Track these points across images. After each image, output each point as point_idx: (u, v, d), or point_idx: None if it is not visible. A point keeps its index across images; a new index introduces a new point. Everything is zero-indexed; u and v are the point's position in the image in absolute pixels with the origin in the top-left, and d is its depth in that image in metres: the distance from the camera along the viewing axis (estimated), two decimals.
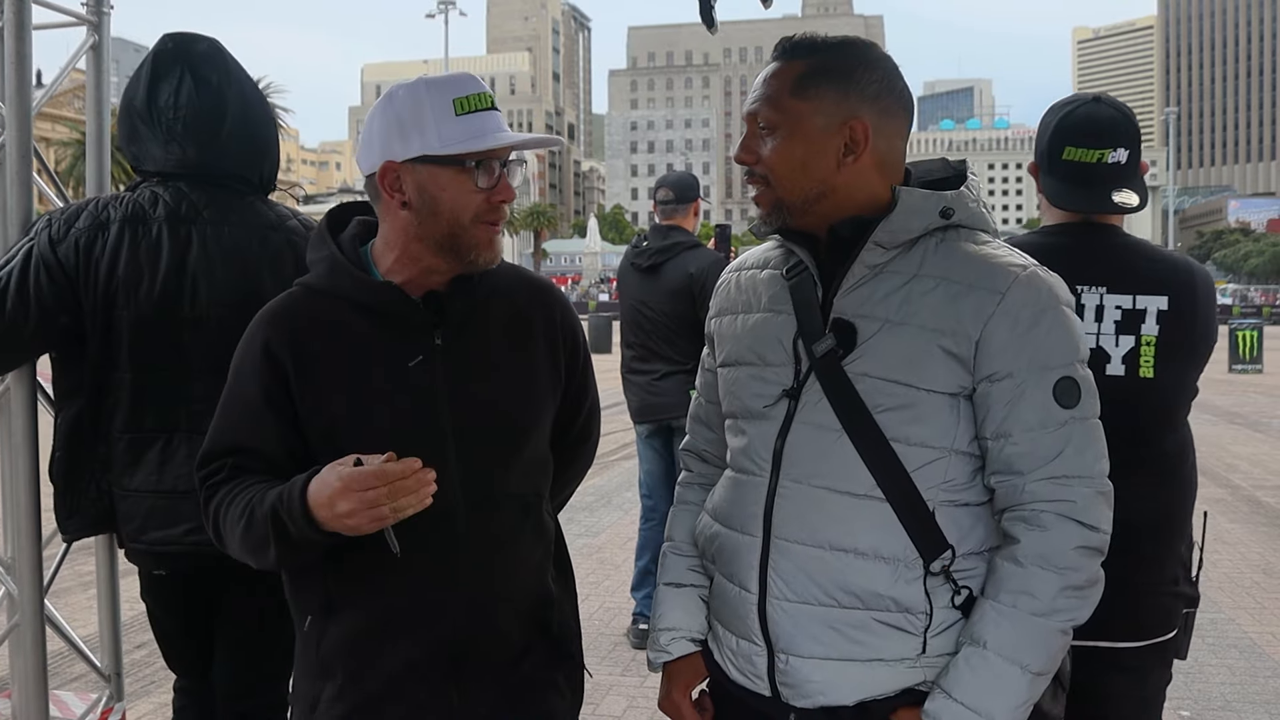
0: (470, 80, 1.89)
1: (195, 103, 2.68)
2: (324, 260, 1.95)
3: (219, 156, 2.72)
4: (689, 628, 1.99)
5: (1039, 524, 1.68)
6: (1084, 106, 2.54)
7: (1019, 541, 1.69)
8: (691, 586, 2.01)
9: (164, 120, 2.67)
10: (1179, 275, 2.46)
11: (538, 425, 2.02)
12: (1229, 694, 4.98)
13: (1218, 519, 8.73)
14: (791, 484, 1.78)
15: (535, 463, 2.02)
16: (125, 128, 2.74)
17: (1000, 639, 1.66)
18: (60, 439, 2.73)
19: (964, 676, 1.67)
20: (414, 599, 1.89)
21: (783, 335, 1.83)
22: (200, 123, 2.68)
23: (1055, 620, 1.67)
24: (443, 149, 1.83)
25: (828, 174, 1.78)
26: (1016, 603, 1.67)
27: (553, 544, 2.08)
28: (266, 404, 1.90)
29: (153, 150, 2.71)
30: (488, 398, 1.94)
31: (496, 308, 1.99)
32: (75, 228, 2.60)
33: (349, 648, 1.91)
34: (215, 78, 2.72)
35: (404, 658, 1.90)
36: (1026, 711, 1.68)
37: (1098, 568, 1.71)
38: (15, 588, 2.84)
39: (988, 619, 1.68)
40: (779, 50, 1.83)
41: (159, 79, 2.69)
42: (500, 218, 1.90)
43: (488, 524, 1.92)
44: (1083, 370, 1.74)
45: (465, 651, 1.92)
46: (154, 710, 4.74)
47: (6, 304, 2.53)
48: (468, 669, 1.92)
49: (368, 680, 1.90)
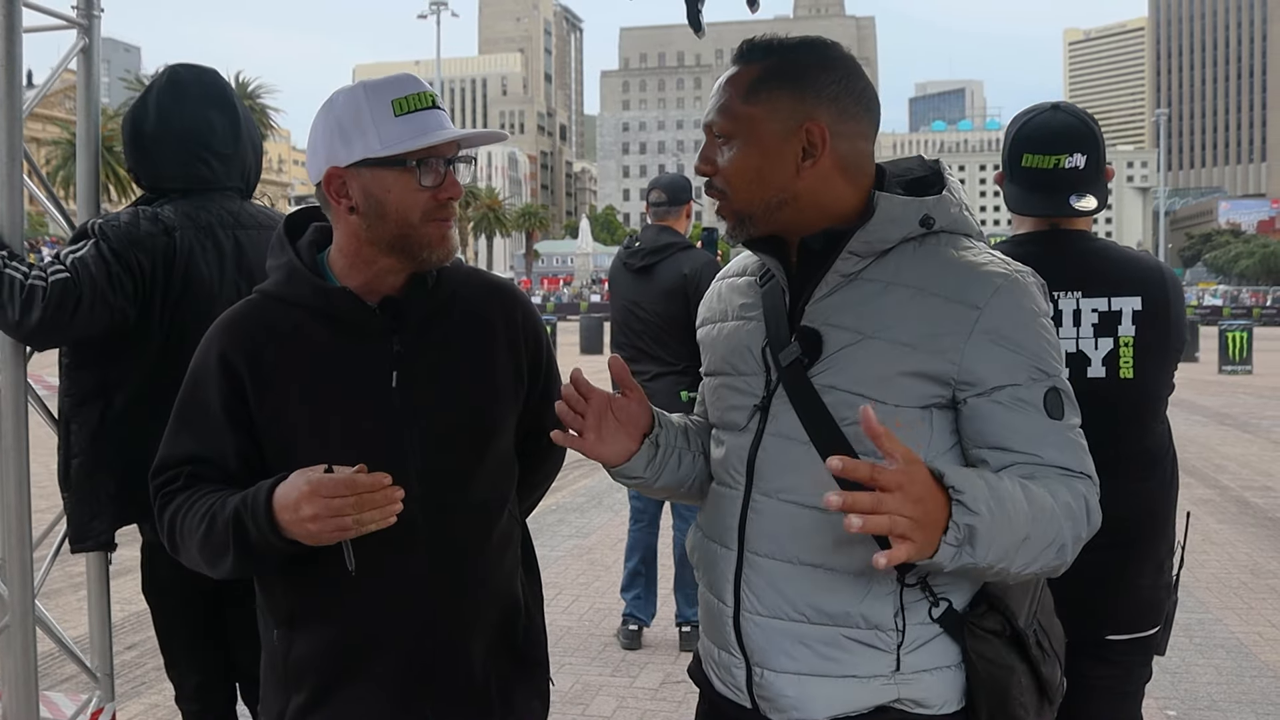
0: (410, 80, 1.88)
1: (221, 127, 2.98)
2: (282, 267, 1.94)
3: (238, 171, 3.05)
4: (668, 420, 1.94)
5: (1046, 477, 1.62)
6: (1041, 115, 2.60)
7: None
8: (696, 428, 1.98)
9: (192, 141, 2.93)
10: (1150, 275, 2.52)
11: (499, 428, 2.00)
12: (1215, 694, 5.01)
13: (1206, 519, 8.77)
14: (763, 498, 1.75)
15: (498, 467, 2.01)
16: (134, 150, 2.97)
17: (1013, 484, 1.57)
18: (82, 443, 2.84)
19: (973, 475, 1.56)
20: (378, 611, 1.88)
21: (752, 344, 1.80)
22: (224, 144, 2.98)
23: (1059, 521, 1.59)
24: (384, 150, 1.82)
25: (787, 180, 1.72)
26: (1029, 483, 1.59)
27: (519, 548, 2.08)
28: (224, 412, 1.88)
29: (169, 169, 2.95)
30: (447, 402, 1.92)
31: (455, 311, 1.97)
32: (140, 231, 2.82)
33: (315, 661, 1.90)
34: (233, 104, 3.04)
35: (371, 671, 1.89)
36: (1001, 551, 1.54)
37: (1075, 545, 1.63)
38: (5, 589, 2.84)
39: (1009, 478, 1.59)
40: (736, 53, 1.79)
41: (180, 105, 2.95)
42: (449, 214, 1.88)
43: (450, 531, 1.91)
44: (1064, 381, 1.70)
45: (433, 662, 1.91)
46: (144, 711, 4.74)
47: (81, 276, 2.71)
48: (436, 679, 1.92)
49: (334, 694, 1.90)
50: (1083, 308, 2.48)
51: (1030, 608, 1.78)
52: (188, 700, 3.11)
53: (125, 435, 2.82)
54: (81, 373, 2.88)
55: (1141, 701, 2.62)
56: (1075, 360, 2.44)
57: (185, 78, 3.00)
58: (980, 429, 1.66)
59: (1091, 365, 2.47)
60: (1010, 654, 1.72)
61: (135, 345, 2.83)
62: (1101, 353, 2.47)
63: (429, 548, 1.89)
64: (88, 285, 2.70)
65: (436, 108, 1.87)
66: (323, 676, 1.90)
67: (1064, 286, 2.48)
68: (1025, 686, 1.74)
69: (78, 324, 2.71)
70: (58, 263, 2.72)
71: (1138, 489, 2.46)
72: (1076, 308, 2.48)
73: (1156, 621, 2.55)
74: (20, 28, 2.78)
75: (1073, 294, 2.49)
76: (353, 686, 1.90)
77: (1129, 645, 2.52)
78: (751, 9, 2.79)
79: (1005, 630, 1.72)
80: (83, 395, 2.87)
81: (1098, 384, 2.45)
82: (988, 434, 1.66)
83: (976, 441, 1.68)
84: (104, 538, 2.89)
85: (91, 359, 2.86)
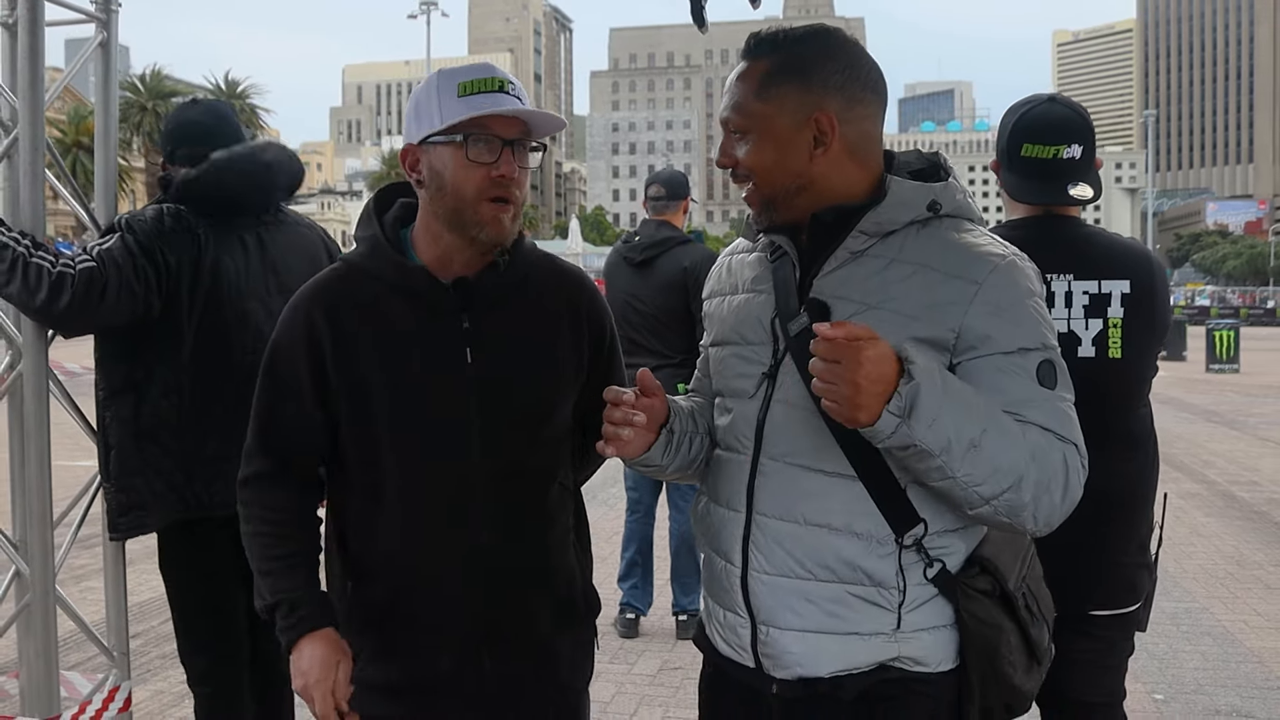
0: (485, 68, 1.97)
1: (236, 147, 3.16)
2: (367, 240, 2.07)
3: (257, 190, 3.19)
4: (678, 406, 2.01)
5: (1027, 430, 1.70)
6: (1040, 106, 2.69)
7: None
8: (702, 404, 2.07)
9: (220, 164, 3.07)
10: (1138, 260, 2.63)
11: (557, 409, 2.11)
12: (1201, 678, 5.11)
13: (1193, 513, 8.88)
14: (770, 461, 1.84)
15: (555, 440, 2.12)
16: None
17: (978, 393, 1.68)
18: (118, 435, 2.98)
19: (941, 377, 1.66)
20: (439, 566, 2.01)
21: (762, 315, 1.89)
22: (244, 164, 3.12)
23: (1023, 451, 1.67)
24: (441, 125, 1.93)
25: (802, 167, 1.81)
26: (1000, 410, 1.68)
27: (573, 517, 2.19)
28: (309, 376, 2.02)
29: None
30: (510, 380, 2.04)
31: (525, 294, 2.09)
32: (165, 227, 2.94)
33: (380, 612, 2.04)
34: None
35: (432, 622, 2.03)
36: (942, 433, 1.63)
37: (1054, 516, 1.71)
38: (27, 568, 2.91)
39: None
40: (745, 48, 1.88)
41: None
42: (505, 195, 1.96)
43: (507, 496, 2.03)
44: (1059, 356, 1.78)
45: (490, 616, 2.03)
46: (150, 697, 4.80)
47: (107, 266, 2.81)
48: (493, 633, 2.04)
49: (399, 643, 2.03)
50: (1074, 290, 2.58)
51: (1020, 570, 1.88)
52: (199, 682, 3.17)
53: (167, 432, 2.95)
54: (111, 365, 2.99)
55: (1124, 675, 2.72)
56: (1066, 340, 2.54)
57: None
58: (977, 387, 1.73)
59: (1082, 345, 2.57)
60: (1000, 614, 1.81)
61: (164, 340, 2.94)
62: (1091, 333, 2.57)
63: (486, 510, 2.01)
64: (114, 274, 2.80)
65: (504, 91, 1.95)
66: (387, 627, 2.04)
67: (1056, 269, 2.58)
68: (1014, 646, 1.83)
69: (104, 311, 2.81)
70: (85, 254, 2.82)
71: (1122, 468, 2.55)
72: (1068, 290, 2.58)
73: (1138, 598, 2.64)
74: (43, 21, 2.85)
75: (1064, 276, 2.59)
76: (415, 636, 2.03)
77: (1111, 620, 2.62)
78: (754, 5, 2.87)
79: (995, 591, 1.81)
80: (113, 388, 2.99)
81: (1087, 363, 2.54)
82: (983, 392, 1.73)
83: None
84: (149, 531, 3.03)
85: (120, 352, 2.97)
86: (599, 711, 4.77)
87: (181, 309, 2.93)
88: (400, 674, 2.03)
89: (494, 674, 2.05)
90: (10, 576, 3.03)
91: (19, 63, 2.83)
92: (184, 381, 2.95)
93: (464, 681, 2.04)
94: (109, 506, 3.01)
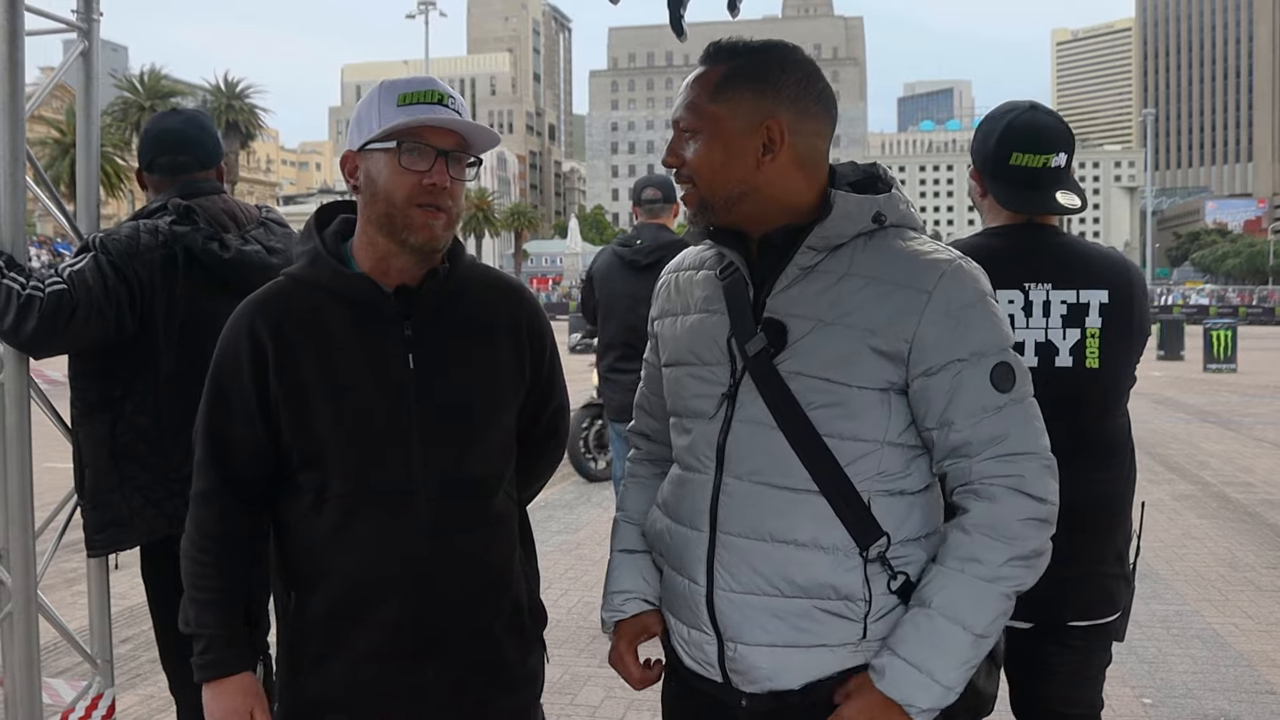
0: (425, 81, 2.01)
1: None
2: (308, 253, 2.08)
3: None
4: (642, 590, 2.07)
5: (989, 495, 1.76)
6: (1024, 114, 2.68)
7: (969, 511, 1.77)
8: (644, 553, 2.09)
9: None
10: (1116, 270, 2.62)
11: (498, 417, 2.12)
12: (1191, 682, 5.11)
13: (1187, 515, 8.89)
14: (734, 480, 1.85)
15: (496, 450, 2.12)
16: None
17: (946, 601, 1.74)
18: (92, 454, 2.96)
19: (909, 635, 1.75)
20: (379, 575, 2.01)
21: (717, 335, 1.90)
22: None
23: (1000, 586, 1.75)
24: (377, 132, 1.97)
25: (747, 173, 1.83)
26: (964, 568, 1.74)
27: (515, 525, 2.19)
28: (253, 384, 2.02)
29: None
30: (451, 388, 2.05)
31: (466, 304, 2.10)
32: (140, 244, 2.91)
33: (321, 622, 2.04)
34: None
35: (373, 633, 2.02)
36: (969, 672, 1.75)
37: (1046, 539, 1.78)
38: (9, 576, 2.92)
39: (935, 582, 1.76)
40: (703, 55, 1.90)
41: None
42: (436, 202, 1.98)
43: (448, 505, 2.03)
44: (1014, 355, 1.82)
45: (432, 626, 2.03)
46: (139, 702, 4.81)
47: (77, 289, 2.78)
48: (436, 643, 2.04)
49: (339, 653, 2.03)
50: (1052, 299, 2.57)
51: None
52: (181, 688, 3.18)
53: (145, 447, 2.93)
54: (85, 383, 2.97)
55: (1102, 684, 2.72)
56: (1044, 349, 2.55)
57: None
58: (929, 406, 1.79)
59: (1059, 355, 2.56)
60: None
61: (141, 357, 2.92)
62: (1069, 343, 2.56)
63: (427, 520, 2.01)
64: (83, 297, 2.77)
65: (442, 104, 1.99)
66: (328, 636, 2.03)
67: (1035, 278, 2.58)
68: None
69: (71, 335, 2.79)
70: (56, 275, 2.80)
71: (1099, 477, 2.56)
72: (1046, 299, 2.58)
73: (1116, 608, 2.64)
74: (22, 31, 2.85)
75: (1043, 285, 2.58)
76: (356, 647, 2.02)
77: (1089, 631, 2.61)
78: (732, 14, 2.88)
79: None
80: (87, 406, 2.97)
81: (1064, 373, 2.54)
82: (935, 408, 1.78)
83: (926, 420, 1.80)
84: (128, 547, 3.02)
85: (94, 370, 2.96)
86: (588, 716, 4.78)
87: (158, 326, 2.91)
88: (342, 686, 2.03)
89: (437, 686, 2.04)
90: None
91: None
92: (162, 397, 2.92)
93: (407, 693, 2.04)
94: (85, 523, 3.00)
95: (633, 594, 2.08)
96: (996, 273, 2.53)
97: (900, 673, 1.74)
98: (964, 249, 2.62)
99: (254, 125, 68.92)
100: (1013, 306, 2.56)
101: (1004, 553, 1.74)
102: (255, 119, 68.71)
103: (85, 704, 3.18)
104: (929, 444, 1.82)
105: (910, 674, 1.73)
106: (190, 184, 3.11)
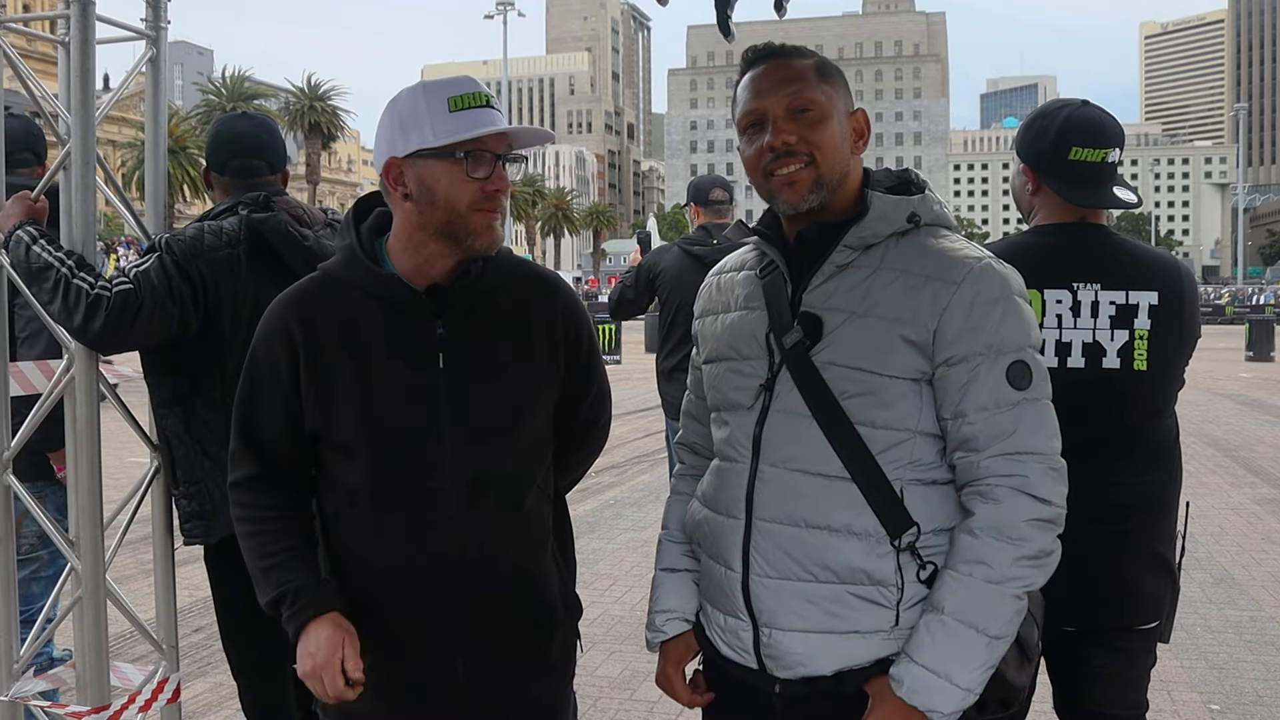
0: (467, 81, 2.05)
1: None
2: (344, 249, 2.14)
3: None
4: (683, 610, 2.11)
5: (993, 498, 1.79)
6: (1080, 109, 2.65)
7: (974, 514, 1.80)
8: (685, 571, 2.13)
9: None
10: (1167, 271, 2.58)
11: (532, 413, 2.14)
12: (1262, 689, 4.99)
13: (1268, 519, 8.68)
14: (769, 468, 1.90)
15: (529, 446, 2.15)
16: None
17: (957, 605, 1.77)
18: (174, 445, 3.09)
19: (925, 641, 1.78)
20: (411, 569, 2.06)
21: (756, 330, 1.96)
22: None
23: (1009, 587, 1.77)
24: (436, 141, 1.99)
25: (847, 158, 1.93)
26: (972, 571, 1.77)
27: (550, 520, 2.22)
28: (287, 377, 2.08)
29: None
30: (483, 386, 2.08)
31: (498, 300, 2.13)
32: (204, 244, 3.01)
33: (354, 610, 2.08)
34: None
35: (405, 622, 2.08)
36: (986, 674, 1.78)
37: (1052, 539, 1.80)
38: (79, 564, 3.03)
39: (946, 587, 1.79)
40: (769, 51, 1.95)
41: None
42: (495, 206, 2.03)
43: (479, 501, 2.07)
44: (1035, 355, 1.84)
45: (462, 617, 2.08)
46: (210, 689, 4.96)
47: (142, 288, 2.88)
48: (466, 633, 2.08)
49: (371, 642, 2.07)
50: (1101, 300, 2.54)
51: None
52: (242, 673, 3.30)
53: (217, 445, 3.01)
54: (156, 379, 3.09)
55: (1147, 686, 2.68)
56: (1091, 350, 2.52)
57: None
58: (945, 396, 1.83)
59: (1107, 356, 2.53)
60: None
61: (207, 355, 3.01)
62: (1117, 344, 2.53)
63: (459, 515, 2.06)
64: (148, 296, 2.88)
65: (490, 107, 2.04)
66: (363, 626, 2.06)
67: (1084, 278, 2.55)
68: None
69: (137, 333, 2.90)
70: (123, 275, 2.91)
71: (1144, 479, 2.53)
72: (1095, 299, 2.54)
73: (1160, 613, 2.60)
74: (94, 41, 2.96)
75: (1092, 285, 2.55)
76: (389, 639, 2.08)
77: (1132, 634, 2.58)
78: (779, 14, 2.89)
79: None
80: (162, 399, 3.10)
81: (1112, 374, 2.51)
82: (950, 399, 1.82)
83: (942, 410, 1.84)
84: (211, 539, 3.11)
85: (162, 365, 3.07)
86: (646, 711, 4.82)
87: (224, 324, 2.99)
88: (375, 672, 2.07)
89: (469, 677, 2.09)
90: (67, 572, 3.17)
91: (70, 80, 2.94)
92: (230, 394, 2.99)
93: (438, 684, 2.09)
94: (179, 512, 3.13)
95: (674, 614, 2.12)
96: (1045, 271, 2.53)
97: (919, 679, 1.77)
98: (1012, 246, 2.62)
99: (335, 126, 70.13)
100: (1061, 306, 2.54)
101: (1011, 554, 1.77)
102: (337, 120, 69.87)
103: (151, 687, 3.28)
104: (944, 434, 1.85)
105: (929, 680, 1.76)
106: (260, 187, 3.20)
